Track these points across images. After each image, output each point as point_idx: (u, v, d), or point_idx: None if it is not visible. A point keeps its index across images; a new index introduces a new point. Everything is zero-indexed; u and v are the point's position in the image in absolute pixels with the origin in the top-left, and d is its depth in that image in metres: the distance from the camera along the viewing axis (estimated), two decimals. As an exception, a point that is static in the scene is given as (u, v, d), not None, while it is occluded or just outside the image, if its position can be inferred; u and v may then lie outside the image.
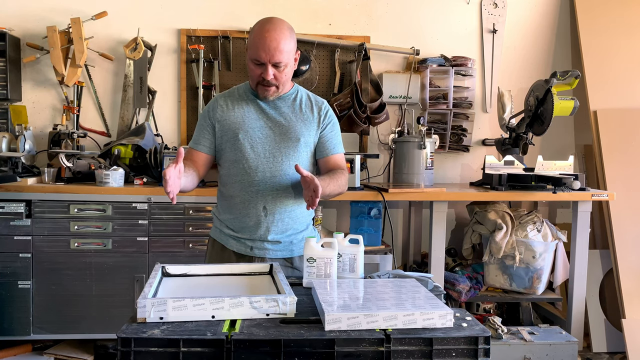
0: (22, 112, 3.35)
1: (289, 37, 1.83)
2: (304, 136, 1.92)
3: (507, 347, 2.87)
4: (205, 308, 1.35)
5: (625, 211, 3.41)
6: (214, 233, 2.04)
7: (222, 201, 2.01)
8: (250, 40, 1.84)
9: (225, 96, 1.98)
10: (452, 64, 3.67)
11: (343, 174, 1.96)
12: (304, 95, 1.99)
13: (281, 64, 1.83)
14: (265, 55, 1.80)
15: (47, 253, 2.92)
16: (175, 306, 1.33)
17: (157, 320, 1.32)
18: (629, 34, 3.71)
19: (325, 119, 1.96)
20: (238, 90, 1.99)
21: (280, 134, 1.91)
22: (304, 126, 1.93)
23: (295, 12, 3.64)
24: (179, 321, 1.33)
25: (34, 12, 3.44)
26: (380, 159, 3.70)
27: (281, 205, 1.91)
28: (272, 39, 1.79)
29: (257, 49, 1.80)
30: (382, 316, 1.31)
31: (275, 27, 1.81)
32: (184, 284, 1.64)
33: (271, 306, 1.38)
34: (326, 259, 1.66)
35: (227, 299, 1.36)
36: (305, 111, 1.95)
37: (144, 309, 1.32)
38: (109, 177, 2.96)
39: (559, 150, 3.85)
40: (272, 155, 1.89)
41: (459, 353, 1.29)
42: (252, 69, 1.86)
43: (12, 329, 2.92)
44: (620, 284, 3.32)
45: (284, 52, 1.81)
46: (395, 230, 3.75)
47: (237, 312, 1.36)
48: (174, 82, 3.60)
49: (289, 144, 1.90)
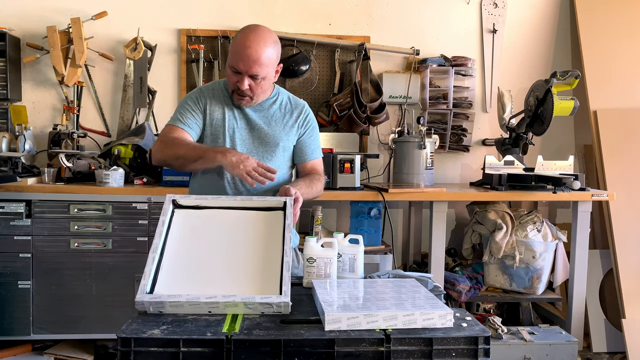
0: (22, 112, 3.35)
1: (271, 49, 1.79)
2: (282, 141, 1.92)
3: (507, 347, 2.87)
4: (200, 308, 1.39)
5: (625, 211, 3.41)
6: None
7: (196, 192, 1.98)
8: (231, 46, 1.80)
9: (210, 92, 1.94)
10: (452, 64, 3.67)
11: (319, 180, 1.97)
12: (285, 98, 1.97)
13: (259, 76, 1.80)
14: (244, 65, 1.77)
15: (47, 253, 2.91)
16: (172, 303, 1.38)
17: (157, 312, 1.39)
18: (629, 34, 3.71)
19: (304, 123, 1.96)
20: (219, 87, 1.95)
21: (259, 138, 1.91)
22: (282, 131, 1.93)
23: (295, 12, 3.64)
24: (176, 313, 1.38)
25: (34, 12, 3.44)
26: (380, 159, 3.70)
27: None
28: (253, 51, 1.75)
29: (236, 58, 1.77)
30: (382, 316, 1.31)
31: (259, 39, 1.77)
32: (195, 217, 1.65)
33: (265, 307, 1.39)
34: (326, 259, 1.66)
35: (221, 302, 1.38)
36: (285, 116, 1.94)
37: (142, 305, 1.38)
38: (109, 177, 2.96)
39: (559, 150, 3.85)
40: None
41: (459, 353, 1.29)
42: (229, 74, 1.83)
43: (12, 329, 2.92)
44: (620, 284, 3.32)
45: (263, 66, 1.78)
46: (395, 230, 3.75)
47: (231, 311, 1.40)
48: (174, 82, 3.60)
49: (268, 148, 1.91)
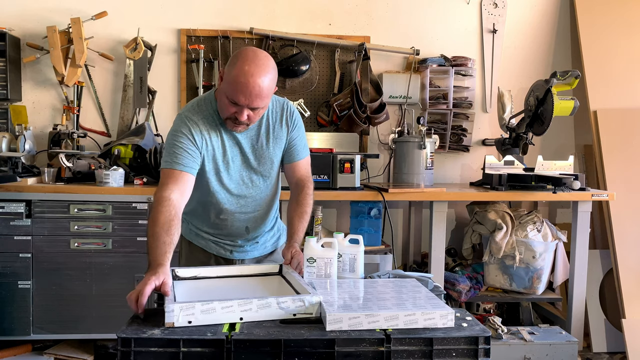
0: (22, 112, 3.35)
1: (270, 77, 1.67)
2: (276, 156, 1.90)
3: (507, 347, 2.87)
4: (233, 310, 1.33)
5: (625, 211, 3.40)
6: (190, 235, 2.02)
7: (199, 215, 1.96)
8: (229, 75, 1.66)
9: (201, 119, 1.78)
10: (452, 64, 3.67)
11: (308, 194, 1.91)
12: (270, 107, 1.86)
13: (259, 108, 1.71)
14: (245, 100, 1.65)
15: (47, 253, 2.91)
16: (204, 309, 1.31)
17: (185, 324, 1.30)
18: (629, 34, 3.70)
19: (292, 125, 1.89)
20: (209, 110, 1.80)
21: (255, 159, 1.87)
22: (276, 145, 1.88)
23: (295, 12, 3.64)
24: (206, 324, 1.31)
25: (34, 12, 3.44)
26: (380, 159, 3.69)
27: (261, 222, 1.98)
28: (255, 84, 1.62)
29: (235, 91, 1.64)
30: (383, 316, 1.31)
31: (260, 70, 1.63)
32: (196, 287, 1.62)
33: (298, 306, 1.37)
34: (326, 259, 1.66)
35: (255, 300, 1.35)
36: (275, 127, 1.87)
37: (172, 313, 1.29)
38: (109, 177, 2.95)
39: (559, 150, 3.85)
40: (250, 180, 1.89)
41: (459, 353, 1.29)
42: (225, 103, 1.69)
43: (12, 329, 2.92)
44: (620, 284, 3.32)
45: (265, 98, 1.68)
46: (395, 230, 3.75)
47: (264, 314, 1.35)
48: (174, 82, 3.59)
49: (265, 167, 1.89)
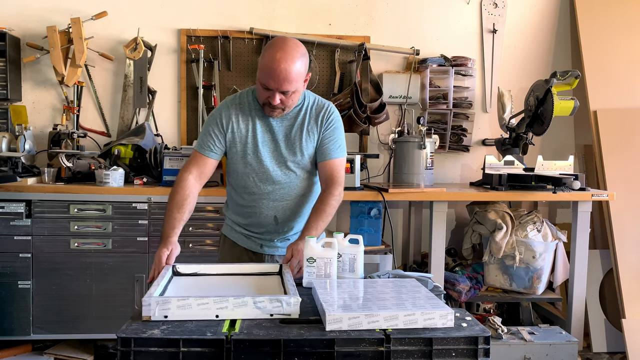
0: (22, 112, 3.35)
1: (299, 63, 1.80)
2: (308, 149, 1.94)
3: (507, 347, 2.87)
4: (209, 307, 1.35)
5: (625, 211, 3.40)
6: (226, 230, 2.11)
7: (232, 204, 2.06)
8: (261, 63, 1.81)
9: (236, 106, 1.95)
10: (452, 64, 3.67)
11: (329, 196, 1.89)
12: (310, 102, 1.97)
13: (289, 91, 1.82)
14: (274, 83, 1.78)
15: (47, 253, 2.91)
16: (180, 305, 1.34)
17: (161, 318, 1.33)
18: (629, 34, 3.71)
19: (326, 123, 1.95)
20: (247, 99, 1.95)
21: (287, 148, 1.93)
22: (309, 138, 1.94)
23: (295, 12, 3.64)
24: (182, 320, 1.33)
25: (34, 12, 3.44)
26: (380, 159, 3.69)
27: (291, 214, 1.99)
28: (282, 69, 1.76)
29: (266, 76, 1.78)
30: (383, 316, 1.31)
31: (287, 57, 1.77)
32: (194, 284, 1.65)
33: (275, 306, 1.37)
34: (326, 259, 1.66)
35: (231, 299, 1.36)
36: (310, 122, 1.94)
37: (148, 307, 1.33)
38: (109, 177, 2.95)
39: (559, 150, 3.85)
40: (280, 169, 1.94)
41: (458, 353, 1.29)
42: (260, 90, 1.84)
43: (12, 329, 2.92)
44: (620, 284, 3.32)
45: (293, 82, 1.79)
46: (395, 230, 3.75)
47: (240, 312, 1.36)
48: (174, 82, 3.59)
49: (296, 158, 1.94)
